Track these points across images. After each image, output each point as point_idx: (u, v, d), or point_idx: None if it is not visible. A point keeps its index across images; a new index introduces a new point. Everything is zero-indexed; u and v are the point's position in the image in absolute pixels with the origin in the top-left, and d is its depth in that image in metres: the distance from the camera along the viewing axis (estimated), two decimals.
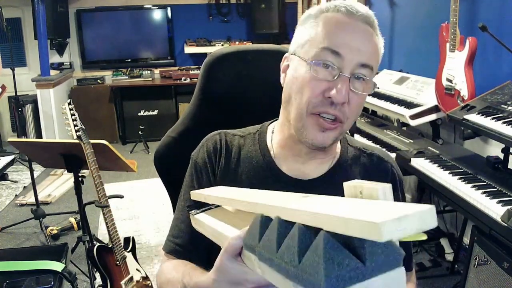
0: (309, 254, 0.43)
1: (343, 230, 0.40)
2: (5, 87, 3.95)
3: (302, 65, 0.79)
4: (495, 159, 1.87)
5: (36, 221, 3.09)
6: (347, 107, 0.77)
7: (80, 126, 1.88)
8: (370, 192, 0.49)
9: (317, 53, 0.77)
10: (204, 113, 1.14)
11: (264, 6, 5.35)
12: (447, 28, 2.24)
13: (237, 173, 0.90)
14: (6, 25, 3.74)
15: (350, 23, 0.77)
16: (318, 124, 0.78)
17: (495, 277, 1.59)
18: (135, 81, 5.44)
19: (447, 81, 2.27)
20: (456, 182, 1.79)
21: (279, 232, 0.49)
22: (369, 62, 0.77)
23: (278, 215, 0.51)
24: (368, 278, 0.41)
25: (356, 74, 0.77)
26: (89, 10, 5.35)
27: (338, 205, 0.48)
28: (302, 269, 0.43)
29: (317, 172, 0.88)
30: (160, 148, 1.15)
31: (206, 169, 0.92)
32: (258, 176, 0.89)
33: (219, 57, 1.13)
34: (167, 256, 0.94)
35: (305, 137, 0.80)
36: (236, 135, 0.94)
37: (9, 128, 5.43)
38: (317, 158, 0.88)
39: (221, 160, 0.91)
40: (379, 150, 0.96)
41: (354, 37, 0.76)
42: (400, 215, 0.37)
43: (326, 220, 0.42)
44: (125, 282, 1.92)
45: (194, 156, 0.94)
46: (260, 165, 0.89)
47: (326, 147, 0.82)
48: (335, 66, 0.76)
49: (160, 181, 1.20)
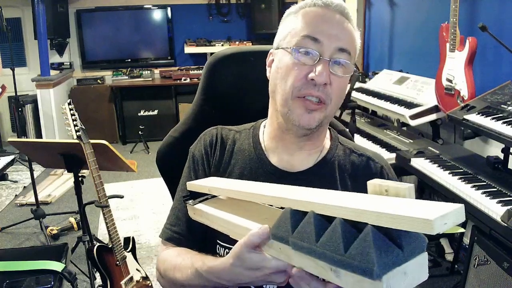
0: (356, 245, 0.50)
1: (394, 225, 0.48)
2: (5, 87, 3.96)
3: (285, 55, 0.85)
4: (495, 159, 1.87)
5: (36, 221, 3.09)
6: (329, 88, 0.83)
7: (80, 126, 1.88)
8: (396, 191, 0.57)
9: (298, 41, 0.83)
10: (206, 113, 1.15)
11: (264, 6, 5.36)
12: (447, 28, 2.24)
13: (230, 165, 0.96)
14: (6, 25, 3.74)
15: (326, 14, 0.85)
16: (303, 106, 0.83)
17: (495, 277, 1.59)
18: (135, 81, 5.45)
19: (447, 81, 2.27)
20: (456, 182, 1.79)
21: (316, 224, 0.56)
22: (346, 47, 0.83)
23: (312, 209, 0.58)
24: (405, 262, 0.50)
25: (335, 57, 0.83)
26: (89, 10, 5.36)
27: (376, 202, 0.55)
28: (349, 257, 0.50)
29: (304, 164, 0.92)
30: (162, 147, 1.16)
31: (202, 161, 0.97)
32: (248, 167, 0.94)
33: (222, 57, 1.14)
34: (164, 243, 0.98)
35: (292, 120, 0.85)
36: (232, 130, 1.00)
37: (9, 128, 5.44)
38: (304, 149, 0.91)
39: (216, 153, 0.97)
40: (372, 152, 0.97)
41: (331, 25, 0.83)
42: (445, 212, 0.46)
43: (373, 216, 0.50)
44: (125, 282, 1.92)
45: (192, 149, 1.00)
46: (251, 157, 0.95)
47: (312, 128, 0.85)
48: (316, 51, 0.82)
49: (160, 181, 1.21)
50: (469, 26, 2.38)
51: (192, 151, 0.99)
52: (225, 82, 1.14)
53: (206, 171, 0.96)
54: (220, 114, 1.13)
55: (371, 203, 0.54)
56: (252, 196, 0.74)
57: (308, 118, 0.83)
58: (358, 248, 0.50)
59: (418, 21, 3.05)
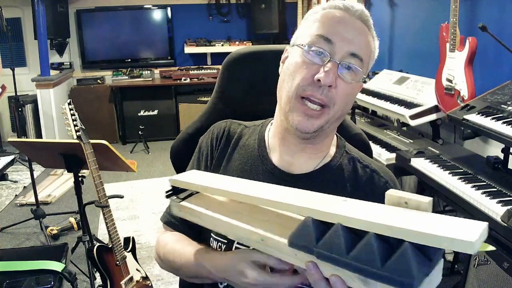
0: (395, 260, 0.54)
1: (435, 244, 0.51)
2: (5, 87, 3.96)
3: (297, 52, 0.84)
4: (495, 159, 1.87)
5: (36, 221, 3.09)
6: (334, 92, 0.81)
7: (80, 126, 1.88)
8: (417, 204, 0.59)
9: (311, 40, 0.82)
10: (220, 111, 1.16)
11: (264, 6, 5.35)
12: (447, 28, 2.24)
13: (231, 159, 0.96)
14: (6, 25, 3.74)
15: (344, 17, 0.83)
16: (303, 111, 0.82)
17: (495, 277, 1.59)
18: (135, 81, 5.44)
19: (447, 81, 2.27)
20: (456, 182, 1.79)
21: (345, 237, 0.59)
22: (359, 52, 0.82)
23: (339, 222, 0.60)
24: (432, 271, 0.55)
25: (345, 61, 0.81)
26: (89, 10, 5.35)
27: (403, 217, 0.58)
28: (387, 271, 0.54)
29: (305, 167, 0.91)
30: (176, 143, 1.19)
31: (207, 152, 0.99)
32: (249, 163, 0.94)
33: (238, 56, 1.14)
34: (164, 227, 1.01)
35: (291, 121, 0.83)
36: (242, 125, 1.01)
37: (9, 128, 5.43)
38: (306, 151, 0.90)
39: (220, 145, 0.98)
40: (379, 166, 0.94)
41: (347, 29, 0.82)
42: (480, 232, 0.50)
43: (410, 234, 0.53)
44: (125, 282, 1.92)
45: (200, 140, 1.03)
46: (253, 154, 0.95)
47: (310, 133, 0.83)
48: (327, 52, 0.80)
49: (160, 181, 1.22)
50: (469, 26, 2.38)
51: (200, 142, 1.02)
52: (240, 81, 1.15)
53: (208, 164, 0.98)
54: (233, 113, 1.14)
55: (401, 219, 0.57)
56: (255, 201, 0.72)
57: (307, 123, 0.82)
58: (397, 263, 0.54)
59: (418, 21, 3.05)
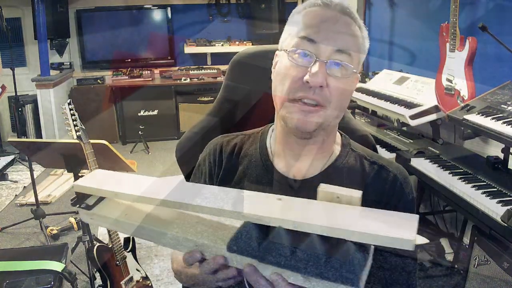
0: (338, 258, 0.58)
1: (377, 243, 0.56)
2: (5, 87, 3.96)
3: (284, 57, 0.83)
4: (495, 159, 1.87)
5: (36, 221, 3.09)
6: (327, 91, 0.79)
7: (80, 126, 1.88)
8: (349, 199, 0.63)
9: (296, 43, 0.81)
10: (226, 110, 1.16)
11: (264, 6, 5.35)
12: (447, 28, 2.24)
13: (237, 171, 0.93)
14: (6, 25, 3.74)
15: (326, 13, 0.82)
16: (299, 108, 0.81)
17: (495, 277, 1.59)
18: (135, 81, 5.44)
19: (447, 81, 2.27)
20: (456, 182, 1.79)
21: (287, 238, 0.60)
22: (345, 48, 0.80)
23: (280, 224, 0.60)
24: (368, 262, 0.60)
25: (332, 59, 0.80)
26: (89, 10, 5.35)
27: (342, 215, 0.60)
28: (328, 266, 0.58)
29: (311, 171, 0.89)
30: (181, 141, 1.19)
31: (205, 170, 0.97)
32: (254, 174, 0.91)
33: (244, 56, 1.15)
34: None
35: (290, 123, 0.82)
36: (240, 135, 0.99)
37: (9, 128, 5.43)
38: (310, 153, 0.88)
39: (222, 161, 0.95)
40: (387, 161, 0.91)
41: (329, 25, 0.81)
42: (416, 228, 0.56)
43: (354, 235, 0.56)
44: (125, 282, 1.92)
45: (199, 157, 1.01)
46: (257, 163, 0.92)
47: (311, 131, 0.82)
48: (312, 53, 0.79)
49: None
50: (469, 26, 2.38)
51: (199, 160, 1.00)
52: (246, 80, 1.15)
53: (206, 180, 0.95)
54: (239, 112, 1.14)
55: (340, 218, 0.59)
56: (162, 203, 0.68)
57: (305, 121, 0.80)
58: (339, 259, 0.58)
59: (418, 21, 3.05)
